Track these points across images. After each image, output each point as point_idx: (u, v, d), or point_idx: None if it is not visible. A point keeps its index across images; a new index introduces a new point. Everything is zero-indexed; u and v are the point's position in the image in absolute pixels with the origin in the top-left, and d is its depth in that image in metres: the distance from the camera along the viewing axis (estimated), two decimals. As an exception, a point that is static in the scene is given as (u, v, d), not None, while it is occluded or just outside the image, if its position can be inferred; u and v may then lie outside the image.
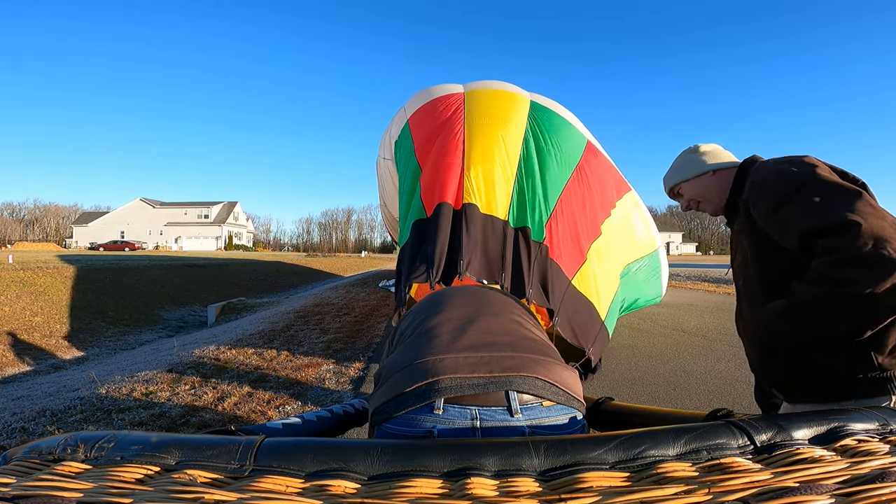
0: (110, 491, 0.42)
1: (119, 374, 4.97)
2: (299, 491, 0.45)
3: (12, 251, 30.25)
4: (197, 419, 3.35)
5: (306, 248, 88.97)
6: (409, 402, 0.76)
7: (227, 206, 62.36)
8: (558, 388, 0.79)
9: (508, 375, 0.77)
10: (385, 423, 0.78)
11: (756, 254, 1.18)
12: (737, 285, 1.32)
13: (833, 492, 0.40)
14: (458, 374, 0.77)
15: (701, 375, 4.28)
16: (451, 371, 0.77)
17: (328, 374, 4.53)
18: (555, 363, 0.83)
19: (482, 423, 0.74)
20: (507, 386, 0.76)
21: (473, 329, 0.89)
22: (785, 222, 1.04)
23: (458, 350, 0.82)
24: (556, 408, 0.77)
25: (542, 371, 0.79)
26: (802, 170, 1.06)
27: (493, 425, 0.74)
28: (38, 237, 73.03)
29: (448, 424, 0.74)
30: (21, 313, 10.36)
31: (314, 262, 31.54)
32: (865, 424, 0.54)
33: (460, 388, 0.75)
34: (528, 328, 0.96)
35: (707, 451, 0.50)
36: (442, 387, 0.75)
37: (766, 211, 1.09)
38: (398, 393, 0.78)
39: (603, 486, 0.44)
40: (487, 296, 1.09)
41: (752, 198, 1.14)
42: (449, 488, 0.45)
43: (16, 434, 3.24)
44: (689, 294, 11.89)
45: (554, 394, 0.78)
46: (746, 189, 1.18)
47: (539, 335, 0.96)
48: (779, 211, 1.05)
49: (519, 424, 0.74)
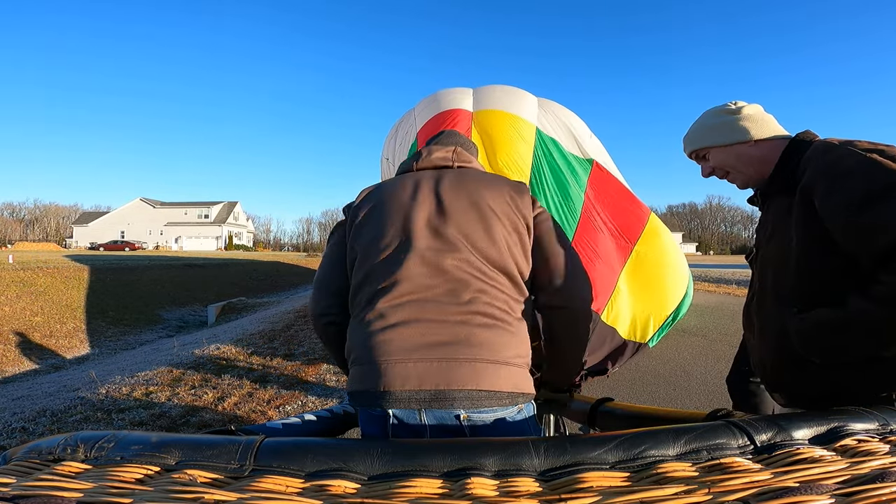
0: (110, 491, 0.42)
1: (119, 374, 4.98)
2: (299, 491, 0.45)
3: (12, 251, 30.26)
4: (197, 419, 3.35)
5: (306, 248, 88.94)
6: (364, 401, 0.89)
7: (228, 205, 62.41)
8: (501, 392, 0.86)
9: (453, 390, 0.84)
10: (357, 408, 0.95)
11: (806, 250, 0.99)
12: (760, 276, 1.15)
13: (833, 492, 0.40)
14: (407, 388, 0.85)
15: (701, 375, 4.28)
16: (401, 383, 0.85)
17: (328, 374, 4.53)
18: (500, 366, 0.87)
19: (429, 422, 0.85)
20: (452, 404, 0.84)
21: (426, 319, 0.90)
22: (869, 224, 0.86)
23: (408, 350, 0.87)
24: (500, 409, 0.87)
25: (486, 380, 0.85)
26: None
27: (441, 424, 0.85)
28: (38, 237, 73.08)
29: (401, 421, 0.86)
30: (21, 313, 10.36)
31: (314, 263, 31.53)
32: (865, 424, 0.54)
33: (408, 401, 0.85)
34: (486, 303, 0.91)
35: (707, 451, 0.50)
36: (392, 399, 0.86)
37: (843, 205, 0.90)
38: (354, 389, 0.91)
39: (603, 485, 0.44)
40: (445, 265, 0.94)
41: (820, 185, 0.95)
42: (449, 488, 0.45)
43: (16, 434, 3.25)
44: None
45: (498, 398, 0.86)
46: (808, 172, 0.98)
47: (498, 307, 0.92)
48: (864, 210, 0.86)
49: (465, 424, 0.85)
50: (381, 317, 0.91)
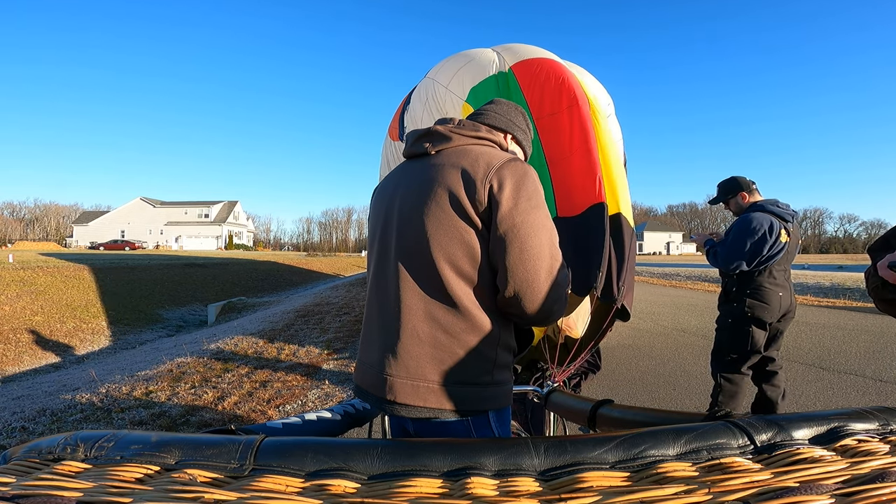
0: (110, 490, 0.42)
1: (119, 374, 4.98)
2: (299, 490, 0.45)
3: (13, 250, 30.27)
4: (197, 419, 3.35)
5: (307, 248, 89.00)
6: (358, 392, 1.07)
7: (228, 205, 62.39)
8: (426, 408, 0.93)
9: (390, 401, 0.94)
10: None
11: None
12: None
13: (833, 492, 0.40)
14: (365, 386, 1.02)
15: (701, 375, 4.27)
16: (360, 383, 1.04)
17: (328, 374, 4.53)
18: (432, 386, 0.92)
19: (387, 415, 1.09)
20: (392, 410, 0.95)
21: (378, 333, 1.01)
22: None
23: (365, 356, 1.04)
24: (430, 421, 0.94)
25: (418, 397, 0.93)
26: None
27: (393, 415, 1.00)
28: (38, 236, 73.11)
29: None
30: (21, 312, 10.37)
31: (314, 263, 31.55)
32: (865, 424, 0.54)
33: (366, 398, 1.02)
34: (433, 324, 0.92)
35: (707, 451, 0.50)
36: (361, 393, 1.04)
37: None
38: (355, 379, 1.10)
39: (603, 485, 0.44)
40: (400, 283, 0.96)
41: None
42: (449, 488, 0.45)
43: (16, 433, 3.25)
44: (689, 294, 11.90)
45: (427, 412, 0.93)
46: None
47: (442, 330, 0.92)
48: None
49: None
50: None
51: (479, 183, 0.90)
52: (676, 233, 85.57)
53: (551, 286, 0.92)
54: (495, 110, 1.14)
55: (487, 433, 0.95)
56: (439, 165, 0.97)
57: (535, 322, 0.97)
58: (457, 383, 0.92)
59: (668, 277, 17.98)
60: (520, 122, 1.17)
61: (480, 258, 0.92)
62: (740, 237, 2.63)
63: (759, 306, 2.62)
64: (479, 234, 0.91)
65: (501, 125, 1.12)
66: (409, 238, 0.96)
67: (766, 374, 2.77)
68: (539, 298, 0.91)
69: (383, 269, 1.01)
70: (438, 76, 3.74)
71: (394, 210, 1.01)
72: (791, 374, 4.15)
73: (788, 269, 2.75)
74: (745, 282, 2.68)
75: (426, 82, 3.92)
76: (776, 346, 2.76)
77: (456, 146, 1.00)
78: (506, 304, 0.94)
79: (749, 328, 2.65)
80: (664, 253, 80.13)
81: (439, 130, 1.02)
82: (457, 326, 0.92)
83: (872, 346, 5.32)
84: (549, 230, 0.94)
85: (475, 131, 1.02)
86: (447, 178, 0.93)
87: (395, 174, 1.09)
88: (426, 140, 1.03)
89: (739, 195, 2.83)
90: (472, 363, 0.92)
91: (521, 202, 0.90)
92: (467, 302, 0.92)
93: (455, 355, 0.92)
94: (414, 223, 0.95)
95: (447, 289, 0.92)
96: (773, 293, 2.63)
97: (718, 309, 2.88)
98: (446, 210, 0.91)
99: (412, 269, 0.95)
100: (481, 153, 0.96)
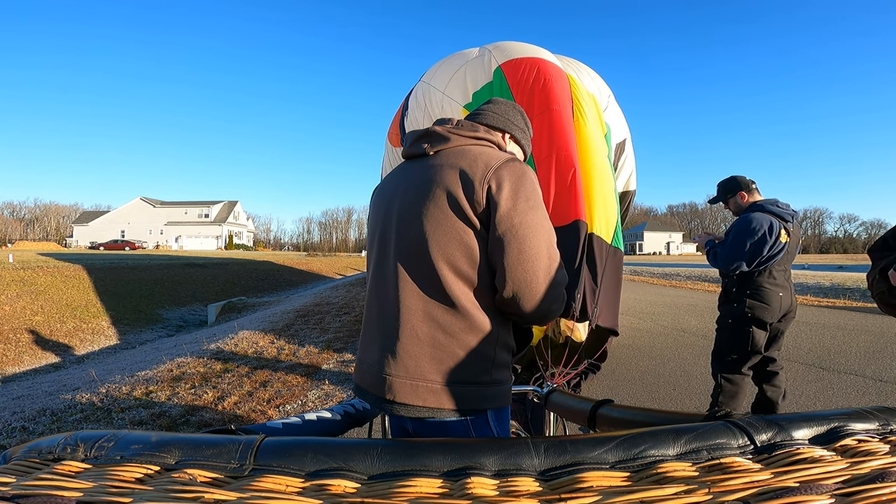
0: (110, 490, 0.42)
1: (119, 374, 4.98)
2: (299, 490, 0.45)
3: (13, 250, 30.26)
4: (197, 419, 3.35)
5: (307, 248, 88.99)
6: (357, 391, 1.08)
7: (228, 205, 62.37)
8: (425, 407, 0.93)
9: (389, 400, 0.95)
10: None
11: None
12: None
13: (833, 492, 0.40)
14: (364, 386, 1.02)
15: (701, 375, 4.27)
16: (360, 383, 1.05)
17: (328, 374, 4.53)
18: (432, 386, 0.92)
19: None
20: (391, 410, 0.96)
21: (377, 333, 1.01)
22: None
23: (365, 356, 1.04)
24: (429, 420, 0.95)
25: (417, 397, 0.93)
26: None
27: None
28: (38, 236, 73.11)
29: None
30: (21, 312, 10.37)
31: (314, 263, 31.54)
32: (865, 424, 0.54)
33: (366, 398, 1.03)
34: (432, 324, 0.93)
35: (707, 451, 0.50)
36: (361, 393, 1.05)
37: None
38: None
39: (603, 485, 0.44)
40: (399, 284, 0.96)
41: None
42: (449, 488, 0.45)
43: (16, 433, 3.25)
44: (690, 294, 11.89)
45: (426, 411, 0.93)
46: None
47: (441, 330, 0.93)
48: None
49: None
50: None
51: (478, 183, 0.90)
52: (676, 233, 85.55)
53: (549, 286, 0.92)
54: (493, 110, 1.14)
55: (486, 432, 0.95)
56: (438, 166, 0.97)
57: (534, 321, 0.97)
58: (456, 383, 0.92)
59: (668, 277, 17.99)
60: (518, 121, 1.17)
61: (479, 258, 0.92)
62: (740, 237, 2.63)
63: (760, 306, 2.62)
64: (478, 234, 0.92)
65: (499, 125, 1.12)
66: (408, 238, 0.96)
67: (766, 374, 2.76)
68: (537, 298, 0.91)
69: (382, 269, 1.01)
70: (434, 81, 3.74)
71: (393, 211, 1.01)
72: (791, 374, 4.14)
73: (789, 270, 2.75)
74: (746, 282, 2.68)
75: (422, 86, 3.92)
76: (777, 346, 2.76)
77: (454, 147, 1.00)
78: (504, 304, 0.94)
79: (749, 328, 2.65)
80: (664, 253, 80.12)
81: (438, 131, 1.02)
82: (456, 326, 0.92)
83: (872, 346, 5.32)
84: (548, 231, 0.94)
85: (473, 132, 1.03)
86: (446, 179, 0.93)
87: (394, 175, 1.09)
88: (425, 141, 1.03)
89: (739, 195, 2.82)
90: (471, 363, 0.92)
91: (520, 203, 0.90)
92: (466, 302, 0.92)
93: (454, 355, 0.92)
94: (413, 224, 0.95)
95: (446, 289, 0.92)
96: (774, 293, 2.62)
97: (719, 309, 2.88)
98: (445, 211, 0.92)
99: (411, 270, 0.95)
100: (480, 153, 0.96)
